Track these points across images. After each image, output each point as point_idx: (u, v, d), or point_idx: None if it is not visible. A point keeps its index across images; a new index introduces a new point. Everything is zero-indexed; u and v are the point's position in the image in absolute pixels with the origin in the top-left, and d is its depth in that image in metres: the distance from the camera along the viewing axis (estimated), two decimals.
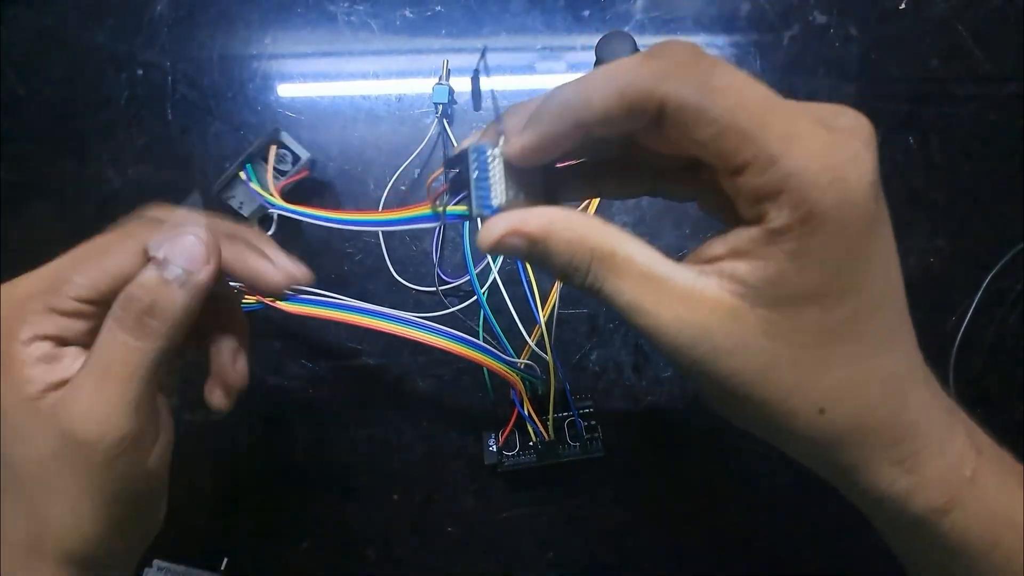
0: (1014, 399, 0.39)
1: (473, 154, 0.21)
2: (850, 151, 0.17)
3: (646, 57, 0.18)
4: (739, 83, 0.17)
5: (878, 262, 0.19)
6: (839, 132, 0.18)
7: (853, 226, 0.17)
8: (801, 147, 0.17)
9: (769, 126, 0.17)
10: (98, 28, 0.45)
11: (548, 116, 0.19)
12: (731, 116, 0.17)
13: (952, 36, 0.43)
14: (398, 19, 0.45)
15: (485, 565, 0.39)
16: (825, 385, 0.19)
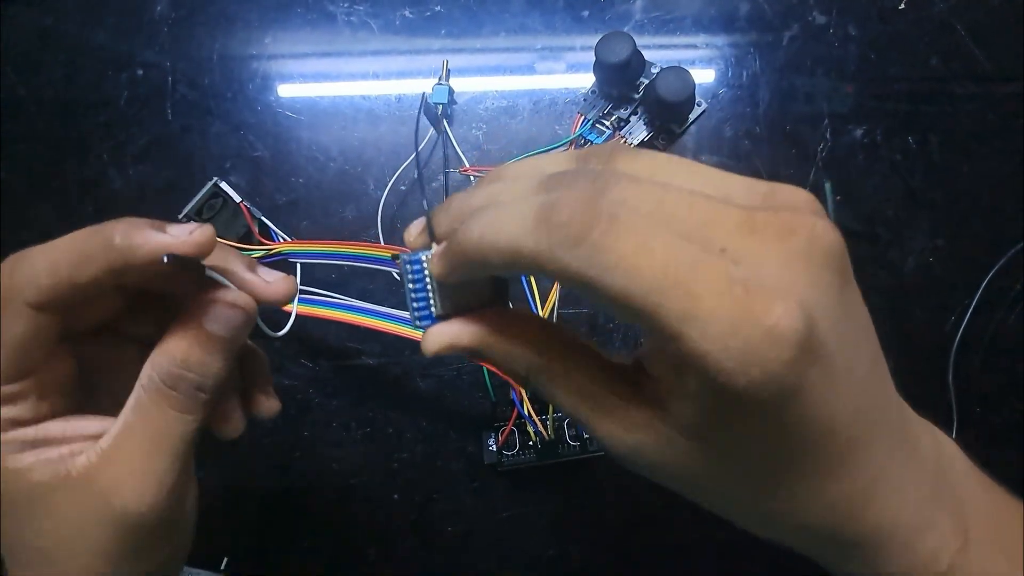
0: (1013, 398, 0.39)
1: (407, 265, 0.21)
2: (763, 327, 0.15)
3: (537, 222, 0.16)
4: (633, 253, 0.15)
5: (810, 416, 0.17)
6: (757, 298, 0.15)
7: (772, 401, 0.16)
8: (701, 327, 0.15)
9: (664, 304, 0.15)
10: (98, 28, 0.45)
11: (456, 256, 0.19)
12: (622, 294, 0.16)
13: (951, 36, 0.43)
14: (398, 19, 0.45)
15: (485, 565, 0.39)
16: (768, 504, 0.19)
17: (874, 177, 0.41)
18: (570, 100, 0.43)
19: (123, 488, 0.21)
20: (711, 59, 0.44)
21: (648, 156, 0.19)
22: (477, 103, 0.43)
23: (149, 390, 0.22)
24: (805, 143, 0.42)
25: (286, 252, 0.39)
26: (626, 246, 0.16)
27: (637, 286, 0.15)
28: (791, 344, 0.15)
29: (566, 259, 0.16)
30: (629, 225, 0.16)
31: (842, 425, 0.17)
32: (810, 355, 0.16)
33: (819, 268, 0.16)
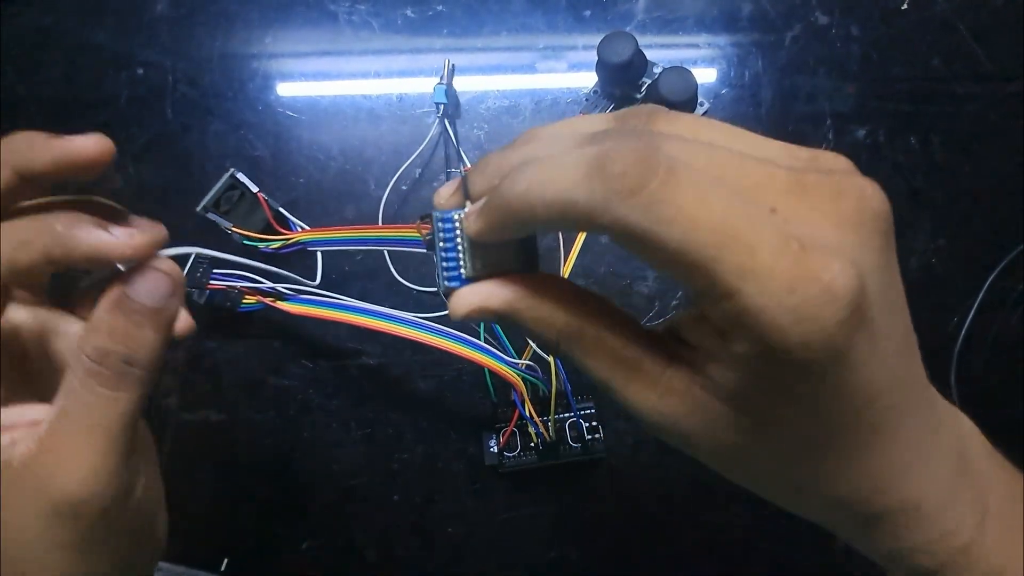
0: (1016, 399, 0.39)
1: (439, 223, 0.20)
2: (820, 283, 0.15)
3: (590, 174, 0.16)
4: (691, 206, 0.15)
5: (851, 385, 0.17)
6: (813, 256, 0.15)
7: (816, 363, 0.16)
8: (758, 282, 0.15)
9: (722, 258, 0.15)
10: (98, 27, 0.45)
11: (498, 210, 0.18)
12: (679, 247, 0.15)
13: (953, 36, 0.43)
14: (399, 18, 0.45)
15: (485, 566, 0.39)
16: (796, 475, 0.19)
17: (876, 177, 0.41)
18: (572, 100, 0.43)
19: (60, 475, 0.20)
20: (713, 59, 0.43)
21: (690, 118, 0.18)
22: (479, 102, 0.43)
23: (77, 370, 0.20)
24: (807, 143, 0.41)
25: (305, 241, 0.38)
26: (685, 198, 0.15)
27: (696, 239, 0.15)
28: (846, 304, 0.15)
29: (622, 210, 0.15)
30: (687, 178, 0.15)
31: (880, 394, 0.17)
32: (860, 317, 0.15)
33: (869, 231, 0.16)
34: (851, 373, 0.16)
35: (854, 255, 0.16)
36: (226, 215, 0.38)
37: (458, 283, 0.20)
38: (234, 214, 0.39)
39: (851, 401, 0.17)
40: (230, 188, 0.38)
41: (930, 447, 0.19)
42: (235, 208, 0.39)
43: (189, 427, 0.40)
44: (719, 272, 0.15)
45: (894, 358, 0.17)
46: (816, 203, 0.16)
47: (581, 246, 0.39)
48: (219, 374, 0.41)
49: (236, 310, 0.39)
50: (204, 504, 0.40)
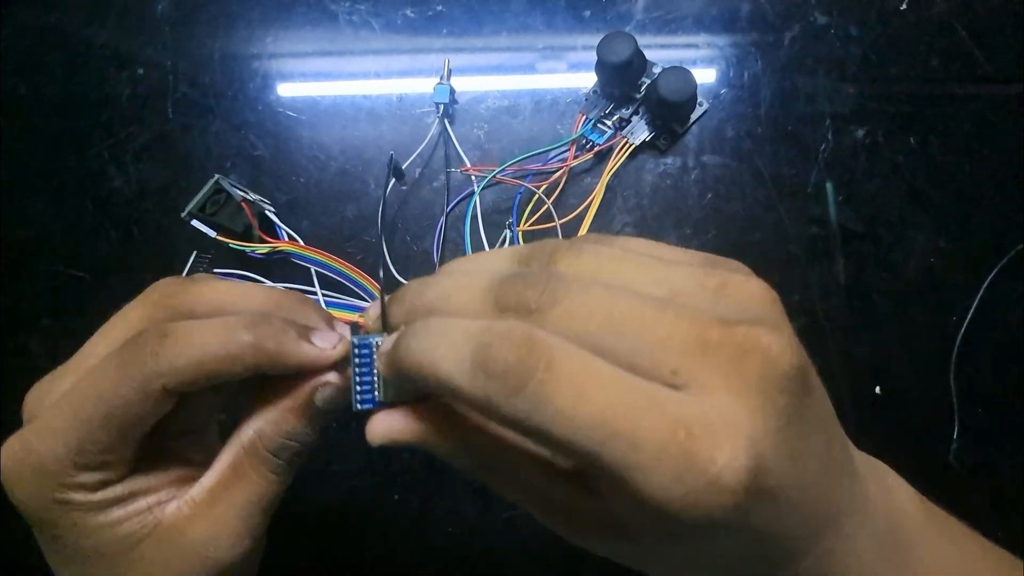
0: (1016, 400, 0.39)
1: (355, 348, 0.21)
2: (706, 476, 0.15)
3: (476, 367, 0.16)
4: (572, 404, 0.15)
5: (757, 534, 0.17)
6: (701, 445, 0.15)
7: (713, 535, 0.16)
8: (644, 473, 0.15)
9: (605, 453, 0.15)
10: (99, 27, 0.45)
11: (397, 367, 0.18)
12: (566, 443, 0.15)
13: (952, 36, 0.43)
14: (399, 18, 0.45)
15: (485, 566, 0.39)
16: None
17: (876, 178, 0.41)
18: (572, 100, 0.43)
19: (219, 540, 0.22)
20: (712, 59, 0.44)
21: (591, 253, 0.18)
22: (478, 102, 0.43)
23: (252, 455, 0.23)
24: (807, 144, 0.42)
25: (288, 252, 0.39)
26: (564, 396, 0.15)
27: (578, 435, 0.15)
28: (732, 491, 0.15)
29: (504, 409, 0.16)
30: (566, 372, 0.15)
31: (794, 530, 0.17)
32: (756, 495, 0.15)
33: (773, 393, 0.16)
34: (757, 531, 0.16)
35: (752, 428, 0.15)
36: (214, 216, 0.38)
37: (371, 405, 0.21)
38: (221, 216, 0.39)
39: (762, 546, 0.17)
40: (216, 192, 0.38)
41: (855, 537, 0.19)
42: (222, 210, 0.39)
43: None
44: (604, 464, 0.15)
45: (810, 494, 0.17)
46: (718, 363, 0.16)
47: None
48: None
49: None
50: None
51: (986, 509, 0.38)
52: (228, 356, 0.21)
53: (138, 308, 0.23)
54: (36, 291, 0.42)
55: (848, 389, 0.39)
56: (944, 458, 0.38)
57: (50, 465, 0.20)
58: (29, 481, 0.21)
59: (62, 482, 0.21)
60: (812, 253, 0.40)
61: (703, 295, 0.17)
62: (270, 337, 0.21)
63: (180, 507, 0.22)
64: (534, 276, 0.18)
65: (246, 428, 0.23)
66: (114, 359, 0.21)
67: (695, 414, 0.15)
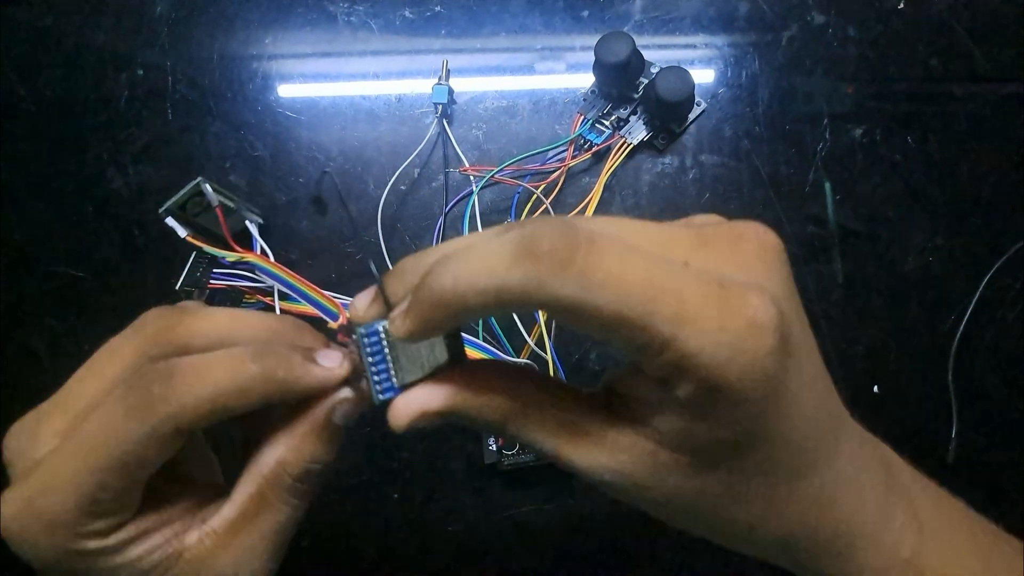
0: (1013, 397, 0.39)
1: (363, 339, 0.20)
2: (745, 317, 0.16)
3: (519, 256, 0.16)
4: (619, 269, 0.16)
5: (788, 411, 0.18)
6: (734, 294, 0.16)
7: (756, 392, 0.17)
8: (692, 327, 0.16)
9: (656, 311, 0.16)
10: (98, 28, 0.45)
11: (426, 305, 0.18)
12: (614, 309, 0.16)
13: (950, 36, 0.43)
14: (398, 19, 0.45)
15: (485, 564, 0.39)
16: (748, 512, 0.20)
17: (874, 177, 0.42)
18: (570, 100, 0.43)
19: (246, 568, 0.22)
20: (710, 59, 0.44)
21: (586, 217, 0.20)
22: (477, 103, 0.43)
23: (276, 485, 0.22)
24: (804, 143, 0.42)
25: (255, 265, 0.39)
26: (611, 264, 0.16)
27: (628, 299, 0.16)
28: (771, 331, 0.16)
29: (556, 285, 0.16)
30: (608, 246, 0.16)
31: (809, 424, 0.18)
32: (786, 344, 0.17)
33: (772, 264, 0.18)
34: (786, 404, 0.17)
35: (768, 287, 0.17)
36: (196, 217, 0.38)
37: (393, 393, 0.20)
38: (202, 217, 0.38)
39: (789, 432, 0.18)
40: (197, 194, 0.37)
41: (859, 473, 0.20)
42: (204, 212, 0.38)
43: None
44: (655, 324, 0.16)
45: (817, 388, 0.19)
46: (720, 250, 0.18)
47: None
48: None
49: None
50: None
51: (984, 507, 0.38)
52: (239, 390, 0.20)
53: (129, 342, 0.22)
54: (38, 291, 0.43)
55: (846, 387, 0.39)
56: (942, 456, 0.38)
57: (61, 518, 0.20)
58: (39, 536, 0.20)
59: (75, 532, 0.20)
60: (810, 252, 0.40)
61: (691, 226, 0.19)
62: (278, 365, 0.21)
63: (203, 539, 0.22)
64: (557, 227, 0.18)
65: (266, 458, 0.22)
66: (120, 403, 0.20)
67: (720, 277, 0.17)
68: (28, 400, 0.22)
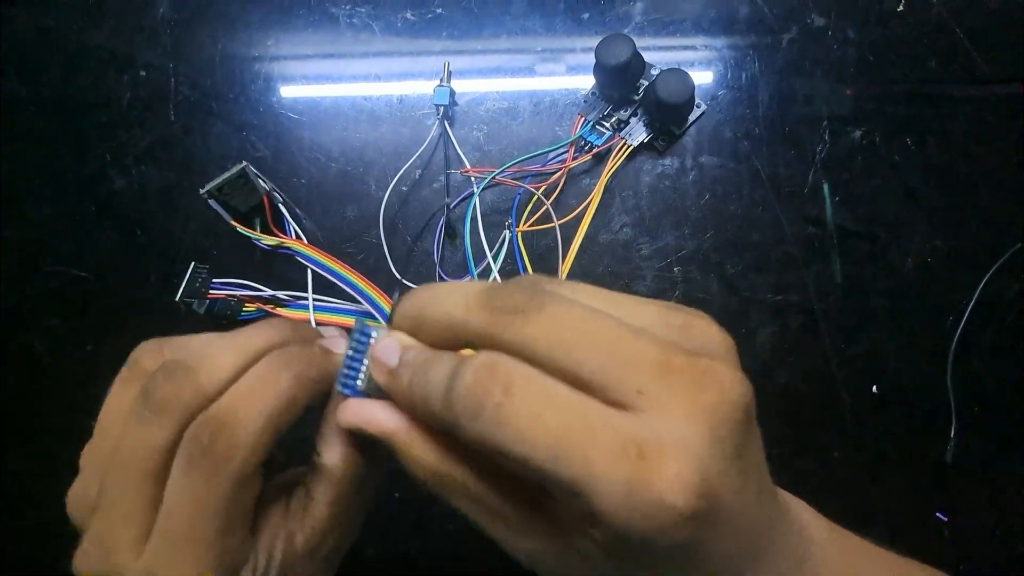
0: (1012, 399, 0.39)
1: (356, 332, 0.22)
2: (656, 490, 0.16)
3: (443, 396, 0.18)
4: (527, 424, 0.16)
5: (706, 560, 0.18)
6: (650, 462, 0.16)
7: (666, 552, 0.17)
8: (597, 487, 0.16)
9: (559, 468, 0.16)
10: (100, 29, 0.46)
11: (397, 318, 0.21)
12: (522, 460, 0.16)
13: (950, 38, 0.43)
14: (399, 21, 0.45)
15: (485, 564, 0.39)
16: None
17: (873, 178, 0.42)
18: (570, 102, 0.43)
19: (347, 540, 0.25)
20: (710, 61, 0.44)
21: (569, 285, 0.20)
22: (478, 104, 0.44)
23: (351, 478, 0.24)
24: (804, 145, 0.42)
25: (295, 250, 0.39)
26: (519, 417, 0.16)
27: (534, 454, 0.16)
28: (680, 508, 0.16)
29: (470, 429, 0.17)
30: (523, 395, 0.17)
31: (733, 559, 0.18)
32: (702, 516, 0.16)
33: (724, 422, 0.17)
34: (701, 554, 0.17)
35: (700, 450, 0.16)
36: (230, 199, 0.38)
37: (350, 392, 0.22)
38: (235, 199, 0.39)
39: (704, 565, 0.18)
40: (239, 178, 0.38)
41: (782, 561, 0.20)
42: (235, 194, 0.39)
43: None
44: (560, 480, 0.16)
45: (747, 524, 0.18)
46: (677, 389, 0.17)
47: (578, 247, 0.40)
48: None
49: (236, 318, 0.39)
50: None
51: (983, 508, 0.38)
52: (285, 406, 0.21)
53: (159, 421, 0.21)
54: (40, 291, 0.43)
55: (845, 389, 0.39)
56: (941, 457, 0.38)
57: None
58: None
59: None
60: (809, 253, 0.41)
61: (669, 331, 0.18)
62: (306, 366, 0.22)
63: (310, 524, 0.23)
64: (524, 285, 0.19)
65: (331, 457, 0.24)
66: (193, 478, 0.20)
67: (648, 435, 0.16)
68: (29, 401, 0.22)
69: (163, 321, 0.41)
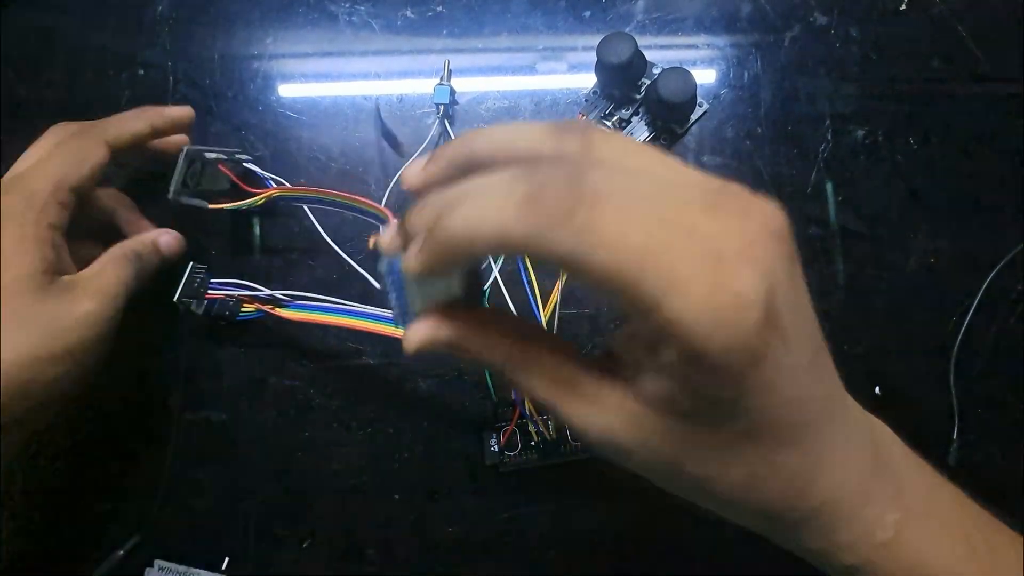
0: (1015, 399, 0.39)
1: (386, 271, 0.22)
2: (733, 291, 0.16)
3: (523, 206, 0.17)
4: (615, 232, 0.17)
5: (772, 387, 0.18)
6: (727, 267, 0.17)
7: (737, 365, 0.17)
8: (681, 294, 0.16)
9: (644, 276, 0.16)
10: (99, 28, 0.45)
11: (436, 245, 0.19)
12: (607, 268, 0.17)
13: (953, 36, 0.43)
14: (399, 19, 0.45)
15: (485, 565, 0.39)
16: (728, 481, 0.20)
17: (875, 178, 0.41)
18: (572, 100, 0.43)
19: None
20: (713, 60, 0.44)
21: (620, 138, 0.20)
22: (478, 103, 0.43)
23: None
24: (806, 144, 0.42)
25: (282, 197, 0.38)
26: (609, 225, 0.17)
27: (620, 261, 0.17)
28: (756, 308, 0.17)
29: (553, 239, 0.17)
30: (610, 206, 0.17)
31: (794, 400, 0.19)
32: (771, 321, 0.17)
33: (774, 244, 0.18)
34: (767, 376, 0.18)
35: (764, 265, 0.17)
36: (197, 187, 0.38)
37: (407, 321, 0.22)
38: (204, 184, 0.38)
39: (770, 404, 0.19)
40: (190, 164, 0.37)
41: (845, 449, 0.21)
42: (202, 178, 0.38)
43: (191, 427, 0.40)
44: (643, 289, 0.17)
45: (807, 367, 0.19)
46: (727, 221, 0.17)
47: None
48: (220, 374, 0.41)
49: (235, 319, 0.39)
50: (205, 503, 0.40)
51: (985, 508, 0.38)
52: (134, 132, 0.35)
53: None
54: None
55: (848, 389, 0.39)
56: (943, 458, 0.38)
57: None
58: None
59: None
60: (811, 253, 0.40)
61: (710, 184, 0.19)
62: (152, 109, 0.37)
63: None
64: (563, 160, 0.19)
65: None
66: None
67: (720, 248, 0.17)
68: None
69: (161, 322, 0.41)
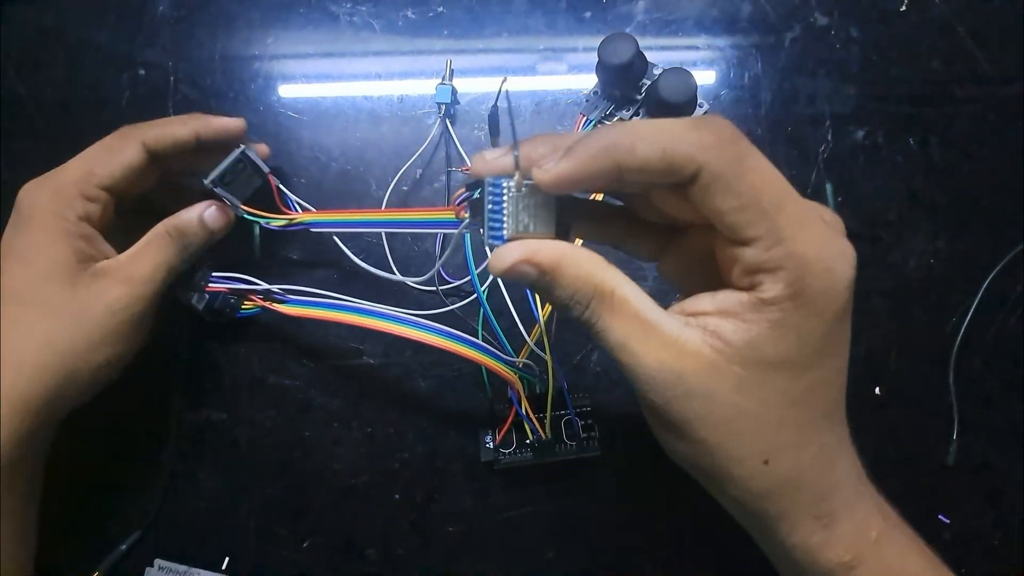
0: (1015, 400, 0.39)
1: (489, 187, 0.23)
2: (841, 247, 0.21)
3: (693, 126, 0.20)
4: (766, 168, 0.20)
5: (840, 345, 0.22)
6: (834, 229, 0.21)
7: (831, 311, 0.20)
8: (806, 235, 0.20)
9: (784, 211, 0.20)
10: (99, 28, 0.45)
11: (591, 151, 0.21)
12: (755, 194, 0.20)
13: (953, 37, 0.43)
14: (400, 20, 0.45)
15: (485, 565, 0.39)
16: (776, 440, 0.22)
17: (875, 178, 0.42)
18: (572, 101, 0.43)
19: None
20: (713, 60, 0.44)
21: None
22: (479, 103, 0.43)
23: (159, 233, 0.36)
24: (806, 144, 0.42)
25: (307, 222, 0.38)
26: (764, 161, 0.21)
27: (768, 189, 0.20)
28: (852, 265, 0.21)
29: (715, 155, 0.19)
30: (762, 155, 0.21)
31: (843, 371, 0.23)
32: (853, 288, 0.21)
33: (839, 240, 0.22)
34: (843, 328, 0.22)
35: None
36: (228, 186, 0.38)
37: (500, 241, 0.23)
38: (234, 186, 0.38)
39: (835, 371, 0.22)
40: (238, 163, 0.37)
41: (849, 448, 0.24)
42: (235, 180, 0.38)
43: (191, 426, 0.41)
44: (779, 221, 0.20)
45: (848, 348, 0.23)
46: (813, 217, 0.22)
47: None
48: (220, 373, 0.41)
49: (235, 316, 0.39)
50: (205, 503, 0.40)
51: (984, 509, 0.38)
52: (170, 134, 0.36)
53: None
54: None
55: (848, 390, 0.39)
56: (943, 458, 0.38)
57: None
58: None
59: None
60: None
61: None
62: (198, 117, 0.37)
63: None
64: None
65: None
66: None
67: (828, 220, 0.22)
68: None
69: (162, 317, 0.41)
